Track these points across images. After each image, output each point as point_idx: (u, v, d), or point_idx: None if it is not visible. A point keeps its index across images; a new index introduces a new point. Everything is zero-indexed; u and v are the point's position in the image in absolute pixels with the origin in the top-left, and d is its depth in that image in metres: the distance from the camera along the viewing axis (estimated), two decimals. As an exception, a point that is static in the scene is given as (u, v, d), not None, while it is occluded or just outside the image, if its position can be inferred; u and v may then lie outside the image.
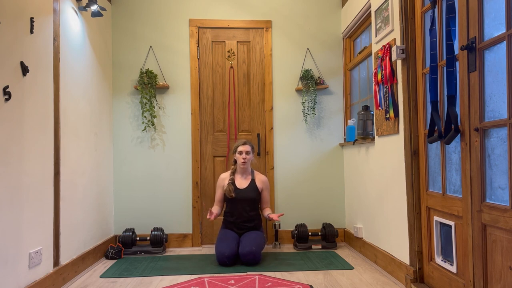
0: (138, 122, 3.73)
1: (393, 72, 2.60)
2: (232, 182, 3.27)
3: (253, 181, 3.30)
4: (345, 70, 3.87)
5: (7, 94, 2.04)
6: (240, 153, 3.26)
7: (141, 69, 3.71)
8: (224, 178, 3.35)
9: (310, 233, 3.64)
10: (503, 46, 1.65)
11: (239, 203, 3.22)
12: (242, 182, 3.29)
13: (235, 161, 3.34)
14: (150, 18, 3.78)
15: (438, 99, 2.12)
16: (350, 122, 3.60)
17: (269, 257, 3.27)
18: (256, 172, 3.38)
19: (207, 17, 3.82)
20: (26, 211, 2.21)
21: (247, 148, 3.26)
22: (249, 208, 3.24)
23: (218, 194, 3.34)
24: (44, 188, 2.41)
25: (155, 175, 3.73)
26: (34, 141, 2.30)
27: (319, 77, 3.84)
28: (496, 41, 1.67)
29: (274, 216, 3.08)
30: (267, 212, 3.26)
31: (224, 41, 3.84)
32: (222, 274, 2.78)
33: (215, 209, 3.26)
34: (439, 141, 2.16)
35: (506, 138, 1.64)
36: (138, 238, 3.54)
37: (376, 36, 2.93)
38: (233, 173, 3.32)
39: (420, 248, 2.40)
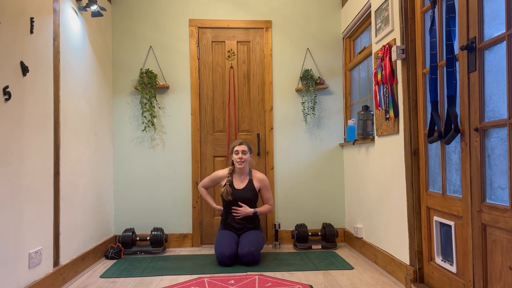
0: (138, 122, 3.73)
1: (393, 72, 2.60)
2: (230, 183, 3.27)
3: (250, 181, 3.29)
4: (345, 70, 3.87)
5: (7, 94, 2.04)
6: (236, 152, 3.25)
7: (141, 69, 3.71)
8: (221, 176, 3.34)
9: (310, 233, 3.64)
10: (503, 46, 1.65)
11: (236, 203, 3.21)
12: (239, 183, 3.28)
13: (233, 162, 3.33)
14: (150, 18, 3.78)
15: (438, 99, 2.12)
16: (350, 122, 3.60)
17: (269, 257, 3.27)
18: (254, 171, 3.36)
19: (207, 17, 3.82)
20: (26, 211, 2.21)
21: (243, 147, 3.25)
22: None
23: (207, 183, 3.38)
24: (44, 188, 2.41)
25: (155, 175, 3.73)
26: (34, 141, 2.30)
27: (319, 77, 3.84)
28: (496, 41, 1.67)
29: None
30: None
31: (224, 41, 3.84)
32: (222, 274, 2.78)
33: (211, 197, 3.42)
34: (439, 141, 2.16)
35: (506, 138, 1.64)
36: (138, 238, 3.54)
37: (376, 36, 2.93)
38: (230, 174, 3.32)
39: (420, 248, 2.40)
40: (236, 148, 3.26)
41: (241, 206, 3.20)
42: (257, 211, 3.21)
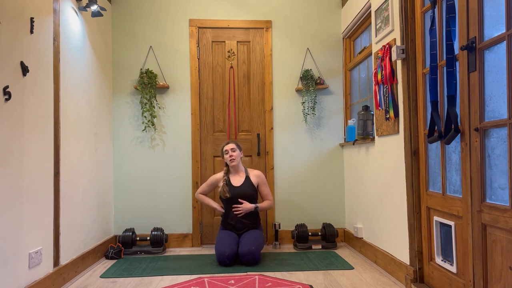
0: (138, 122, 3.73)
1: (393, 72, 2.60)
2: (227, 182, 3.27)
3: (247, 178, 3.30)
4: (345, 70, 3.87)
5: (7, 94, 2.04)
6: (226, 152, 3.29)
7: (141, 69, 3.71)
8: (218, 178, 3.36)
9: (310, 233, 3.64)
10: (503, 46, 1.65)
11: (236, 201, 3.21)
12: (236, 180, 3.29)
13: (227, 163, 3.36)
14: (150, 18, 3.78)
15: (438, 99, 2.12)
16: (350, 122, 3.60)
17: (269, 257, 3.27)
18: (249, 169, 3.40)
19: (207, 17, 3.82)
20: (26, 211, 2.21)
21: (231, 145, 3.29)
22: None
23: (205, 188, 3.39)
24: (44, 188, 2.41)
25: (155, 175, 3.73)
26: (34, 141, 2.30)
27: (319, 77, 3.84)
28: (496, 41, 1.67)
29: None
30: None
31: (224, 41, 3.84)
32: (222, 274, 2.78)
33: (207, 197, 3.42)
34: (439, 141, 2.16)
35: (506, 138, 1.64)
36: (138, 238, 3.54)
37: (376, 36, 2.93)
38: (226, 174, 3.33)
39: (420, 248, 2.40)
40: (225, 148, 3.30)
41: (241, 204, 3.20)
42: (258, 206, 3.22)
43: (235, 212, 3.19)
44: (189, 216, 3.74)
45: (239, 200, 3.20)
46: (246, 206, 3.19)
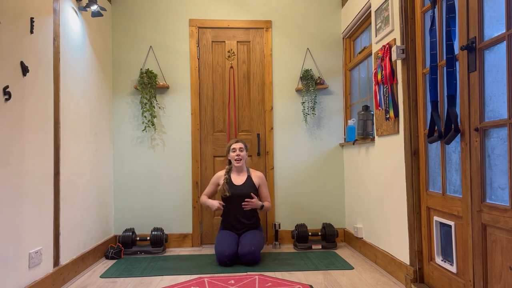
0: (138, 122, 3.73)
1: (393, 72, 2.60)
2: (228, 181, 3.27)
3: (249, 178, 3.30)
4: (345, 70, 3.87)
5: (7, 94, 2.04)
6: (234, 150, 3.27)
7: (141, 69, 3.71)
8: (220, 176, 3.35)
9: (310, 233, 3.64)
10: (503, 46, 1.65)
11: (237, 200, 3.21)
12: (238, 180, 3.29)
13: (230, 162, 3.35)
14: (150, 18, 3.78)
15: (438, 99, 2.12)
16: (350, 122, 3.60)
17: (269, 257, 3.27)
18: (251, 170, 3.39)
19: (207, 17, 3.82)
20: (26, 211, 2.21)
21: (240, 145, 3.28)
22: None
23: (210, 189, 3.36)
24: (44, 188, 2.41)
25: (155, 175, 3.73)
26: (34, 141, 2.30)
27: (319, 77, 3.84)
28: (496, 41, 1.67)
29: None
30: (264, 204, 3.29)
31: (224, 41, 3.84)
32: (222, 274, 2.78)
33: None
34: (439, 141, 2.16)
35: (506, 138, 1.64)
36: (138, 238, 3.54)
37: (376, 36, 2.93)
38: (227, 173, 3.32)
39: (420, 248, 2.40)
40: (233, 146, 3.28)
41: (242, 202, 3.18)
42: (264, 205, 3.23)
43: (242, 204, 3.17)
44: (189, 216, 3.74)
45: (252, 194, 3.19)
46: (257, 202, 3.19)
